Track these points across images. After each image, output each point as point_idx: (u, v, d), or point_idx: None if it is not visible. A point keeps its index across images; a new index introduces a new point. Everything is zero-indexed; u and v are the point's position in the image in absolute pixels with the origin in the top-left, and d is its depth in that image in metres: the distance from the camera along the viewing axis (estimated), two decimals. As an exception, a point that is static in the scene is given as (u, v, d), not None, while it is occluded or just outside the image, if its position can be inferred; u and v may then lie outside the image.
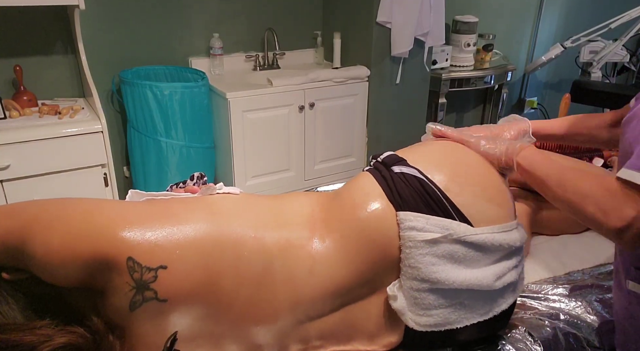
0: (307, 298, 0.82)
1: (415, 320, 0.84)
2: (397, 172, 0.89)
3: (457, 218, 0.84)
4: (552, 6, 3.66)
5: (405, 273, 0.83)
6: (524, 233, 0.93)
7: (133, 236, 0.71)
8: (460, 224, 0.83)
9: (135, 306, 0.72)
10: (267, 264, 0.80)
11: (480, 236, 0.84)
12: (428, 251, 0.81)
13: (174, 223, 0.75)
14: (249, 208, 0.86)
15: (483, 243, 0.84)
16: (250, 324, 0.81)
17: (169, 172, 2.32)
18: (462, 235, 0.82)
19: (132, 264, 0.70)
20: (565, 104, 2.83)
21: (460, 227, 0.83)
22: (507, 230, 0.88)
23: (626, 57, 3.25)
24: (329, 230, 0.86)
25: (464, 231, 0.83)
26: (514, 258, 0.91)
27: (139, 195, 0.88)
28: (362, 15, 2.58)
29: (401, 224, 0.83)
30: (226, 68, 2.67)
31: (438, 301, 0.84)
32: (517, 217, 0.94)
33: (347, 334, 0.89)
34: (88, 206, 0.74)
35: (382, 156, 0.96)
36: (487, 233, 0.84)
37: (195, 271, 0.74)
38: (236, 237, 0.79)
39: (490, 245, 0.85)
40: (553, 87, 4.01)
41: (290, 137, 2.55)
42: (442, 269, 0.82)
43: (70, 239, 0.69)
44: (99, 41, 2.32)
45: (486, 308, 0.88)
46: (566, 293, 1.13)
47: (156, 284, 0.71)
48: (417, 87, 2.81)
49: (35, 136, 1.86)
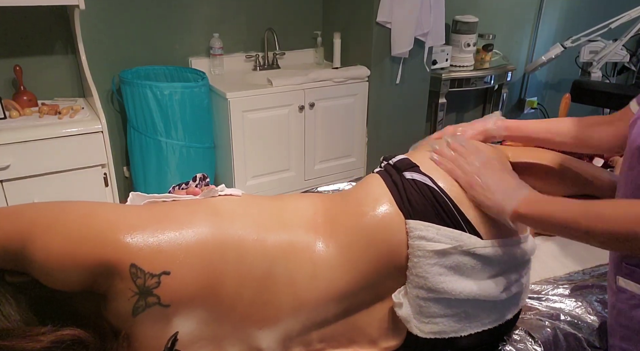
0: (310, 302, 0.82)
1: (420, 327, 0.83)
2: (408, 179, 0.87)
3: (467, 230, 0.83)
4: (552, 6, 3.66)
5: (412, 282, 0.82)
6: (534, 245, 0.92)
7: (135, 241, 0.70)
8: (470, 237, 0.82)
9: (138, 312, 0.71)
10: (269, 267, 0.79)
11: (489, 249, 0.83)
12: (436, 262, 0.80)
13: (176, 227, 0.74)
14: (251, 210, 0.85)
15: (492, 256, 0.83)
16: (252, 327, 0.80)
17: (169, 173, 2.32)
18: (471, 247, 0.81)
19: (135, 271, 0.69)
20: (565, 104, 2.83)
21: (470, 239, 0.82)
22: (516, 243, 0.87)
23: (626, 57, 3.25)
24: (334, 234, 0.85)
25: (474, 243, 0.82)
26: (522, 270, 0.90)
27: (141, 198, 0.87)
28: (362, 15, 2.58)
29: (410, 233, 0.81)
30: (226, 68, 2.67)
31: (443, 311, 0.83)
32: (528, 229, 0.93)
33: (349, 338, 0.88)
34: (88, 210, 0.73)
35: (394, 159, 0.94)
36: (496, 246, 0.84)
37: (198, 275, 0.73)
38: (238, 240, 0.78)
39: (500, 258, 0.84)
40: (553, 87, 4.00)
41: (290, 137, 2.55)
42: (449, 280, 0.81)
43: (70, 244, 0.68)
44: (99, 41, 2.32)
45: (491, 318, 0.88)
46: (566, 294, 1.12)
47: (159, 290, 0.71)
48: (417, 87, 2.81)
49: (35, 136, 1.86)
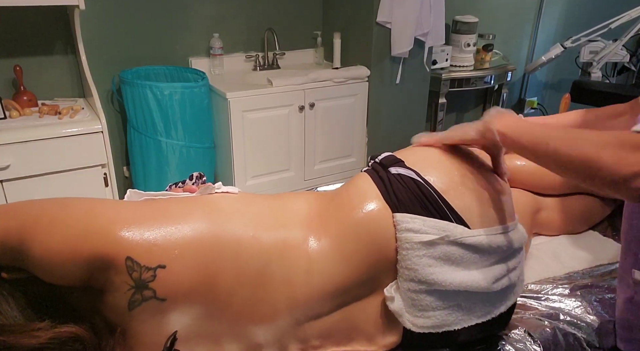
0: (305, 298, 0.82)
1: (413, 321, 0.84)
2: (394, 174, 0.89)
3: (453, 220, 0.84)
4: (552, 6, 3.66)
5: (402, 275, 0.83)
6: (524, 233, 0.93)
7: (132, 235, 0.71)
8: (457, 226, 0.83)
9: (134, 306, 0.72)
10: (265, 263, 0.80)
11: (476, 238, 0.83)
12: (425, 253, 0.81)
13: (172, 222, 0.75)
14: (247, 207, 0.86)
15: (480, 245, 0.84)
16: (249, 323, 0.81)
17: (169, 172, 2.32)
18: (458, 237, 0.82)
19: (130, 264, 0.70)
20: (565, 104, 2.83)
21: (457, 229, 0.83)
22: (504, 232, 0.87)
23: (626, 57, 3.24)
24: (326, 230, 0.86)
25: (461, 232, 0.83)
26: (513, 260, 0.91)
27: (138, 195, 0.89)
28: (362, 15, 2.58)
29: (398, 225, 0.82)
30: (226, 68, 2.67)
31: (435, 303, 0.84)
32: (516, 218, 0.93)
33: (346, 334, 0.89)
34: (86, 206, 0.74)
35: (380, 157, 0.96)
36: (483, 235, 0.84)
37: (193, 270, 0.74)
38: (234, 236, 0.79)
39: (488, 247, 0.85)
40: (553, 87, 4.00)
41: (290, 137, 2.55)
42: (439, 271, 0.82)
43: (69, 239, 0.69)
44: (99, 41, 2.32)
45: (484, 310, 0.88)
46: (566, 293, 1.12)
47: (155, 284, 0.72)
48: (417, 87, 2.81)
49: (35, 136, 1.87)
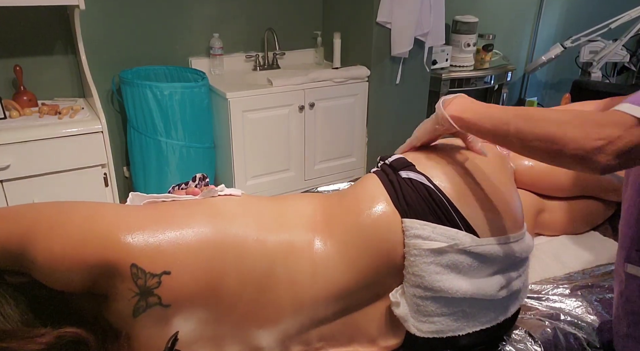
0: (310, 301, 0.82)
1: (418, 326, 0.83)
2: (404, 178, 0.87)
3: (463, 228, 0.83)
4: (552, 6, 3.66)
5: (409, 281, 0.82)
6: (531, 243, 0.92)
7: (136, 242, 0.70)
8: (466, 235, 0.82)
9: (139, 312, 0.71)
10: (269, 267, 0.79)
11: (485, 247, 0.83)
12: (433, 260, 0.80)
13: (176, 227, 0.74)
14: (250, 210, 0.85)
15: (488, 254, 0.83)
16: (252, 326, 0.80)
17: (169, 173, 2.32)
18: (467, 246, 0.81)
19: (135, 271, 0.69)
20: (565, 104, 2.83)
21: (466, 238, 0.82)
22: (512, 241, 0.87)
23: (626, 57, 3.24)
24: (331, 233, 0.85)
25: (470, 242, 0.82)
26: (519, 268, 0.90)
27: (140, 198, 0.87)
28: (362, 15, 2.58)
29: (406, 231, 0.81)
30: (226, 68, 2.67)
31: (440, 309, 0.83)
32: (525, 227, 0.92)
33: (349, 336, 0.88)
34: (89, 211, 0.73)
35: (390, 159, 0.94)
36: (492, 244, 0.83)
37: (198, 275, 0.73)
38: (238, 240, 0.78)
39: (496, 256, 0.84)
40: (553, 87, 4.00)
41: (290, 137, 2.55)
42: (446, 279, 0.81)
43: (72, 245, 0.68)
44: (99, 41, 2.32)
45: (489, 317, 0.88)
46: (566, 293, 1.12)
47: (160, 290, 0.71)
48: (417, 87, 2.81)
49: (35, 136, 1.86)
